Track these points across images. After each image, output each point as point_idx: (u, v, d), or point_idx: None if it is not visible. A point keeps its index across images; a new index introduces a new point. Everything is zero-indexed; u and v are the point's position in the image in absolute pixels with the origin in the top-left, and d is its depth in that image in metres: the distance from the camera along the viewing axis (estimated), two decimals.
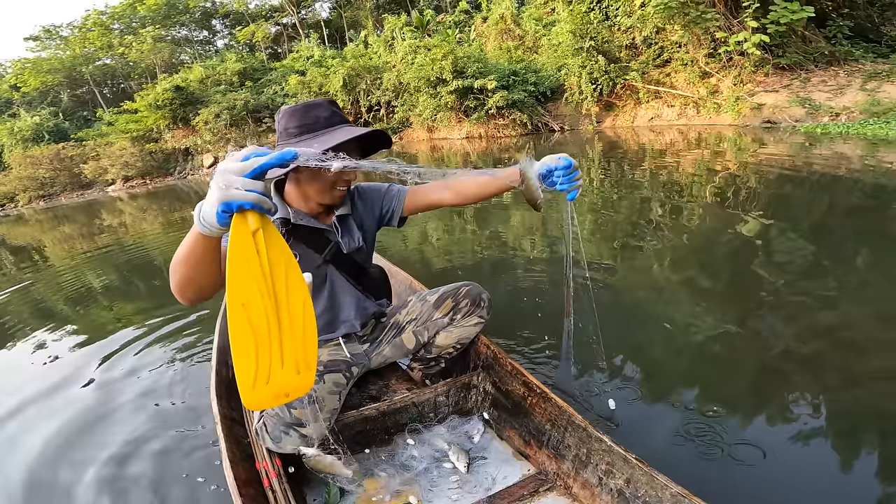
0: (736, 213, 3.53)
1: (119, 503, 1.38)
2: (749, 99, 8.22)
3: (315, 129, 1.09)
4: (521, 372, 1.32)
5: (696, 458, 1.28)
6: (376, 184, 1.37)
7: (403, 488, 1.17)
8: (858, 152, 5.29)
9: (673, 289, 2.48)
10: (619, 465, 1.02)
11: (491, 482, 1.19)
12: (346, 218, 1.29)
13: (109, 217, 9.89)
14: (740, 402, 1.52)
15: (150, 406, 1.87)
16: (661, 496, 0.93)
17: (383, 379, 1.54)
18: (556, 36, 11.69)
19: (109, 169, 17.10)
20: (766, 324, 1.99)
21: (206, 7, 28.19)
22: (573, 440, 1.14)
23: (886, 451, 1.28)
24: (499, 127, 12.52)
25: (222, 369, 1.54)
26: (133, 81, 28.63)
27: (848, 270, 2.42)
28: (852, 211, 3.48)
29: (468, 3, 19.74)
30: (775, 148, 6.16)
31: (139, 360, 2.31)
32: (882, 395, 1.49)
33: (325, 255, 1.25)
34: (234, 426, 1.28)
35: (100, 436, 1.71)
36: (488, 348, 1.46)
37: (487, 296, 1.42)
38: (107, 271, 4.71)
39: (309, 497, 1.20)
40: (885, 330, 1.84)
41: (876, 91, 7.06)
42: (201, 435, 1.60)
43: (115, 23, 26.96)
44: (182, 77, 19.17)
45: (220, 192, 0.62)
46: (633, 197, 4.63)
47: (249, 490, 1.03)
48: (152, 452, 1.57)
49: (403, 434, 1.35)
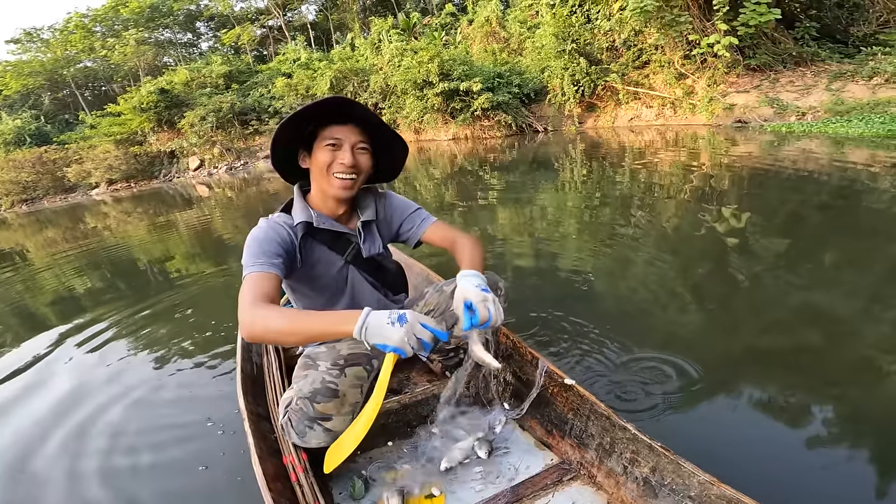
0: (709, 209, 3.73)
1: (152, 497, 1.43)
2: (722, 99, 8.54)
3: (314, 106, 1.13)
4: (542, 361, 1.31)
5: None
6: (406, 200, 1.37)
7: (427, 480, 1.17)
8: (824, 150, 5.57)
9: (650, 279, 2.58)
10: (645, 453, 1.00)
11: (514, 472, 1.19)
12: (370, 224, 1.30)
13: (94, 220, 9.85)
14: (708, 386, 1.58)
15: (179, 402, 1.92)
16: (687, 483, 0.91)
17: (404, 371, 1.55)
18: (540, 38, 11.93)
19: (93, 172, 16.91)
20: (736, 311, 2.10)
21: (191, 10, 27.98)
22: (596, 429, 1.13)
23: (847, 430, 1.35)
24: (484, 128, 12.73)
25: (247, 366, 1.56)
26: (116, 84, 28.30)
27: (814, 259, 2.58)
28: (813, 204, 3.70)
29: (454, 6, 20.00)
30: (745, 147, 6.43)
31: (161, 359, 2.35)
32: (851, 381, 1.57)
33: (346, 257, 1.26)
34: (260, 422, 1.30)
35: (128, 434, 1.75)
36: (508, 338, 1.46)
37: (503, 283, 1.40)
38: (110, 273, 4.76)
39: (335, 490, 1.21)
40: (853, 316, 1.94)
41: (840, 91, 7.40)
42: (227, 431, 1.64)
43: (97, 25, 26.67)
44: (167, 79, 19.05)
45: (405, 339, 0.88)
46: (613, 195, 4.82)
47: (277, 484, 1.04)
48: (181, 447, 1.62)
49: (425, 426, 1.35)
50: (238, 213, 7.60)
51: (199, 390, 2.00)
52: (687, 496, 0.92)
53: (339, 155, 1.13)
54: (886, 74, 7.07)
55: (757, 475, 1.18)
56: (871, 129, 6.01)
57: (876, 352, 1.68)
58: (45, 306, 3.78)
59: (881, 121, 6.18)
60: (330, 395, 1.14)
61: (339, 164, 1.13)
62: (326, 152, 1.13)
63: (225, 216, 7.56)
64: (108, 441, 1.72)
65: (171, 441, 1.66)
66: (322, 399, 1.13)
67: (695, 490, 0.90)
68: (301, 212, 1.19)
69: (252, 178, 13.18)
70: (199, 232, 6.37)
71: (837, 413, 1.43)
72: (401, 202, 1.36)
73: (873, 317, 1.93)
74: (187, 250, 5.32)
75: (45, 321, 3.27)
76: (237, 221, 6.71)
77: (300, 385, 1.17)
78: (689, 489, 0.91)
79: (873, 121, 6.29)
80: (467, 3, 17.61)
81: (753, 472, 1.19)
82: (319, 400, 1.12)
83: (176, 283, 3.73)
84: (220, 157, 16.50)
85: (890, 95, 6.74)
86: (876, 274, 2.33)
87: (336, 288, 1.29)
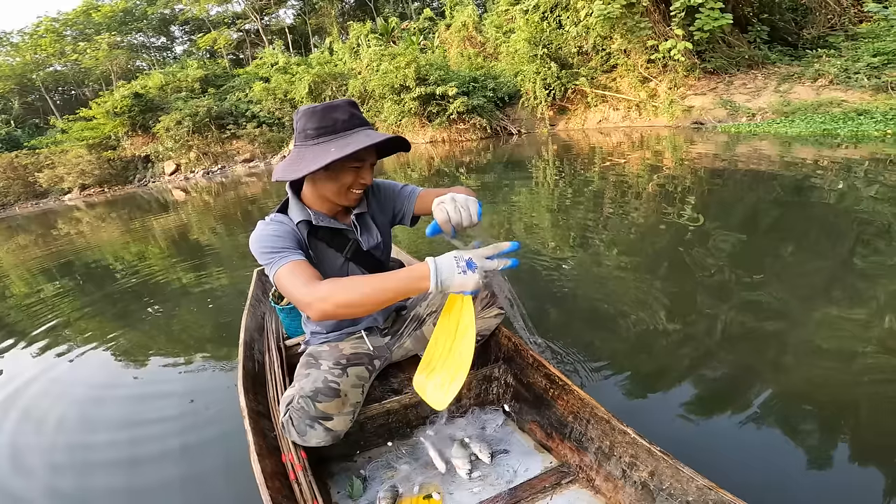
0: (670, 205, 4.00)
1: (147, 495, 1.45)
2: (681, 102, 9.00)
3: (334, 131, 1.07)
4: (542, 364, 1.31)
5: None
6: (391, 182, 1.36)
7: (425, 481, 1.17)
8: (772, 149, 5.97)
9: (617, 273, 2.69)
10: (644, 457, 1.00)
11: (512, 475, 1.18)
12: (364, 216, 1.29)
13: (67, 225, 9.75)
14: (665, 375, 1.65)
15: (177, 400, 1.93)
16: (686, 489, 0.90)
17: (405, 372, 1.54)
18: (514, 43, 12.30)
19: (66, 177, 16.61)
20: (697, 301, 2.20)
21: (165, 14, 27.67)
22: (596, 432, 1.12)
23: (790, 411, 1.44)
24: (460, 131, 13.02)
25: (248, 363, 1.54)
26: (87, 88, 27.75)
27: (757, 250, 2.80)
28: (761, 199, 4.01)
29: (433, 11, 20.31)
30: (703, 147, 6.81)
31: (163, 356, 2.39)
32: (809, 368, 1.65)
33: (345, 253, 1.25)
34: (260, 419, 1.29)
35: (127, 429, 1.79)
36: (509, 340, 1.45)
37: (509, 287, 1.42)
38: (97, 277, 4.78)
39: (333, 490, 1.20)
40: (804, 303, 2.04)
41: (787, 92, 7.88)
42: (228, 428, 1.64)
43: (67, 29, 26.15)
44: (141, 84, 18.82)
45: (481, 282, 0.89)
46: (583, 193, 5.07)
47: (276, 483, 1.04)
48: (179, 445, 1.63)
49: (425, 427, 1.35)
50: (217, 217, 7.65)
51: (200, 387, 2.03)
52: (685, 501, 0.91)
53: (362, 174, 1.12)
54: (830, 76, 7.56)
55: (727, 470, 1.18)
56: (809, 129, 6.49)
57: (851, 343, 1.74)
58: (35, 311, 3.81)
59: (821, 120, 6.65)
60: (332, 394, 1.15)
61: (360, 183, 1.14)
62: (350, 174, 1.11)
63: (203, 220, 7.60)
64: (107, 436, 1.77)
65: (169, 437, 1.69)
66: (324, 398, 1.13)
67: (693, 495, 0.89)
68: (299, 212, 1.18)
69: (230, 182, 13.15)
70: (191, 234, 6.43)
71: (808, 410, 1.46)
72: (389, 185, 1.35)
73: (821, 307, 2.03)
74: (176, 252, 5.35)
75: (36, 326, 3.26)
76: (219, 224, 6.78)
77: (302, 384, 1.17)
78: (687, 494, 0.90)
79: (814, 120, 6.76)
80: (445, 9, 17.93)
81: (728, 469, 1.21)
82: (321, 399, 1.13)
83: (174, 286, 3.76)
84: (197, 161, 16.39)
85: (832, 96, 7.22)
86: (808, 262, 2.57)
87: None
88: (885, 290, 2.07)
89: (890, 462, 1.24)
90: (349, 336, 1.35)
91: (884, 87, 6.88)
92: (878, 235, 2.74)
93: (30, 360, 2.65)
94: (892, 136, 5.69)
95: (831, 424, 1.39)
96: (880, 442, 1.32)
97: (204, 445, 1.61)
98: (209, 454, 1.57)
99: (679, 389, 1.61)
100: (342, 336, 1.36)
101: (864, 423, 1.40)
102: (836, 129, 6.28)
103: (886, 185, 3.73)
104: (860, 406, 1.47)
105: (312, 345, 1.37)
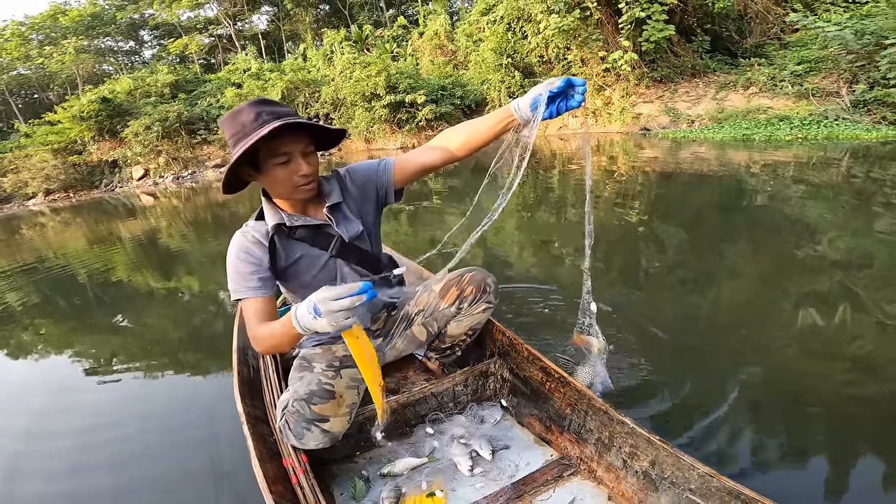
0: (621, 205, 4.38)
1: (152, 500, 1.46)
2: (631, 109, 9.62)
3: (245, 134, 1.04)
4: (538, 357, 1.31)
5: None
6: (367, 162, 1.29)
7: (428, 479, 1.17)
8: (710, 153, 6.55)
9: (571, 270, 2.81)
10: (643, 447, 1.01)
11: (514, 469, 1.19)
12: (339, 206, 1.24)
13: (31, 231, 9.67)
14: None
15: (175, 407, 1.95)
16: (687, 477, 0.91)
17: (401, 371, 1.55)
18: (482, 53, 12.81)
19: (30, 182, 16.24)
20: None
21: (134, 19, 27.28)
22: (595, 424, 1.13)
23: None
24: (429, 137, 13.29)
25: (243, 369, 1.54)
26: (52, 92, 27.07)
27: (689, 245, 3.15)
28: (700, 195, 4.53)
29: (406, 19, 20.72)
30: (651, 151, 7.37)
31: (157, 366, 2.40)
32: (764, 363, 1.73)
33: (330, 250, 1.22)
34: (258, 424, 1.29)
35: (127, 440, 1.78)
36: (504, 335, 1.45)
37: (493, 280, 1.39)
38: (73, 288, 4.68)
39: (336, 491, 1.21)
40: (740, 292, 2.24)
41: (723, 100, 8.54)
42: (226, 434, 1.65)
43: (33, 33, 25.52)
44: (109, 88, 18.57)
45: (331, 325, 0.88)
46: (547, 197, 5.39)
47: (279, 487, 1.04)
48: (179, 451, 1.64)
49: (424, 425, 1.36)
50: (188, 222, 7.74)
51: (197, 394, 2.03)
52: (687, 489, 0.92)
53: (294, 167, 1.08)
54: (760, 84, 8.24)
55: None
56: (731, 134, 7.16)
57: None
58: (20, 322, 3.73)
59: (745, 126, 7.32)
60: (326, 396, 1.15)
61: (300, 176, 1.09)
62: (281, 169, 1.08)
63: (172, 225, 7.69)
64: (108, 448, 1.75)
65: (169, 445, 1.70)
66: (318, 400, 1.14)
67: (695, 483, 0.89)
68: (272, 216, 1.16)
69: (200, 187, 13.16)
70: (160, 239, 6.53)
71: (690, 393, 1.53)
72: (363, 166, 1.29)
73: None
74: (145, 258, 5.44)
75: (29, 337, 3.23)
76: (189, 231, 6.86)
77: (296, 387, 1.18)
78: (689, 482, 0.91)
79: (740, 126, 7.43)
80: (419, 17, 18.33)
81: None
82: (316, 401, 1.13)
83: (142, 292, 3.77)
84: (167, 166, 16.29)
85: (760, 103, 7.90)
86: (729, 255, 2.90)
87: (327, 282, 1.24)
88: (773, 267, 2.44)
89: (858, 440, 1.32)
90: (340, 339, 1.34)
91: (805, 93, 7.57)
92: (774, 227, 3.19)
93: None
94: (801, 140, 6.35)
95: (797, 413, 1.45)
96: (840, 423, 1.40)
97: (200, 453, 1.60)
98: (209, 461, 1.56)
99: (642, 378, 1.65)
100: (334, 339, 1.36)
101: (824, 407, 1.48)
102: (752, 134, 6.96)
103: (801, 183, 4.31)
104: (830, 392, 1.55)
105: (305, 348, 1.37)
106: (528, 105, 1.00)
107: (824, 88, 7.41)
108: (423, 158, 1.23)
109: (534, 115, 0.99)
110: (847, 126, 6.48)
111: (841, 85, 7.21)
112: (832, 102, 7.14)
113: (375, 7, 24.77)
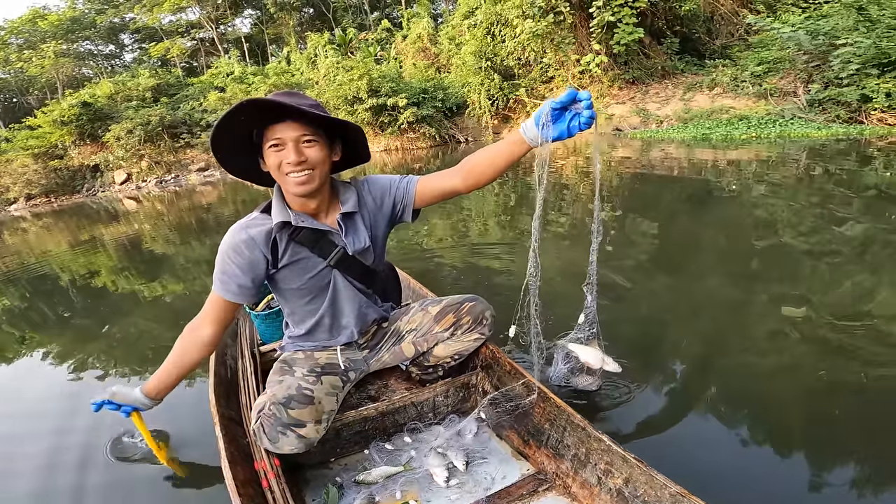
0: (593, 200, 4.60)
1: (118, 500, 1.40)
2: (604, 110, 9.95)
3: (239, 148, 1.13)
4: (520, 372, 1.32)
5: None
6: (388, 176, 1.27)
7: (403, 489, 1.16)
8: (679, 152, 6.87)
9: (547, 268, 2.77)
10: (618, 464, 1.01)
11: (490, 482, 1.19)
12: (353, 216, 1.22)
13: (13, 236, 9.66)
14: None
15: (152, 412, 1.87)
16: (659, 496, 0.92)
17: (382, 379, 1.54)
18: (463, 56, 13.09)
19: (11, 187, 16.06)
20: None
21: (115, 23, 27.04)
22: (572, 440, 1.13)
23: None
24: (411, 140, 13.66)
25: (221, 369, 1.54)
26: (31, 97, 26.74)
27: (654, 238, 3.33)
28: (669, 191, 4.79)
29: (390, 22, 20.90)
30: (623, 151, 7.68)
31: (131, 362, 2.38)
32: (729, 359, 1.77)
33: (329, 260, 1.20)
34: (231, 426, 1.27)
35: (95, 435, 1.68)
36: (487, 348, 1.46)
37: (491, 312, 1.39)
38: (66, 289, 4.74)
39: (308, 497, 1.19)
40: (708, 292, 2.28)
41: (690, 101, 8.91)
42: (199, 434, 1.58)
43: (12, 37, 25.20)
44: (89, 92, 18.44)
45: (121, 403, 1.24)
46: (526, 196, 5.52)
47: (248, 490, 1.03)
48: (149, 452, 1.53)
49: (402, 434, 1.35)
50: (171, 226, 7.79)
51: (173, 394, 1.97)
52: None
53: (284, 154, 1.07)
54: (724, 85, 8.62)
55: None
56: (692, 133, 7.54)
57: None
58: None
59: (707, 126, 7.69)
60: (305, 401, 1.14)
61: (287, 163, 1.08)
62: (272, 154, 1.09)
63: (156, 230, 7.75)
64: (76, 445, 1.67)
65: (137, 444, 1.60)
66: (297, 405, 1.13)
67: (667, 501, 0.91)
68: (280, 212, 1.15)
69: (184, 191, 13.15)
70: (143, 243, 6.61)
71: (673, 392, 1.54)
72: (384, 179, 1.27)
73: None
74: (128, 261, 5.48)
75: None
76: (172, 233, 6.90)
77: (274, 390, 1.17)
78: (660, 501, 0.92)
79: (702, 126, 7.80)
80: (402, 20, 18.49)
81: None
82: (294, 406, 1.12)
83: (125, 295, 3.73)
84: (149, 170, 16.25)
85: (723, 103, 8.28)
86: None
87: (317, 290, 1.25)
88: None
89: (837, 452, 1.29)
90: (325, 349, 1.34)
91: (764, 94, 7.96)
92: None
93: None
94: (755, 139, 6.72)
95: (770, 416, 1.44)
96: (810, 426, 1.41)
97: (173, 453, 1.54)
98: (178, 461, 1.51)
99: None
100: (318, 348, 1.35)
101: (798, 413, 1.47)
102: (711, 133, 7.34)
103: (760, 179, 4.63)
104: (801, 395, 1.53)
105: (287, 351, 1.37)
106: (532, 122, 1.00)
107: (782, 88, 7.81)
108: (447, 183, 1.21)
109: (539, 131, 0.99)
110: (799, 125, 6.86)
111: (798, 85, 7.60)
112: (790, 102, 7.53)
113: (360, 10, 24.94)
